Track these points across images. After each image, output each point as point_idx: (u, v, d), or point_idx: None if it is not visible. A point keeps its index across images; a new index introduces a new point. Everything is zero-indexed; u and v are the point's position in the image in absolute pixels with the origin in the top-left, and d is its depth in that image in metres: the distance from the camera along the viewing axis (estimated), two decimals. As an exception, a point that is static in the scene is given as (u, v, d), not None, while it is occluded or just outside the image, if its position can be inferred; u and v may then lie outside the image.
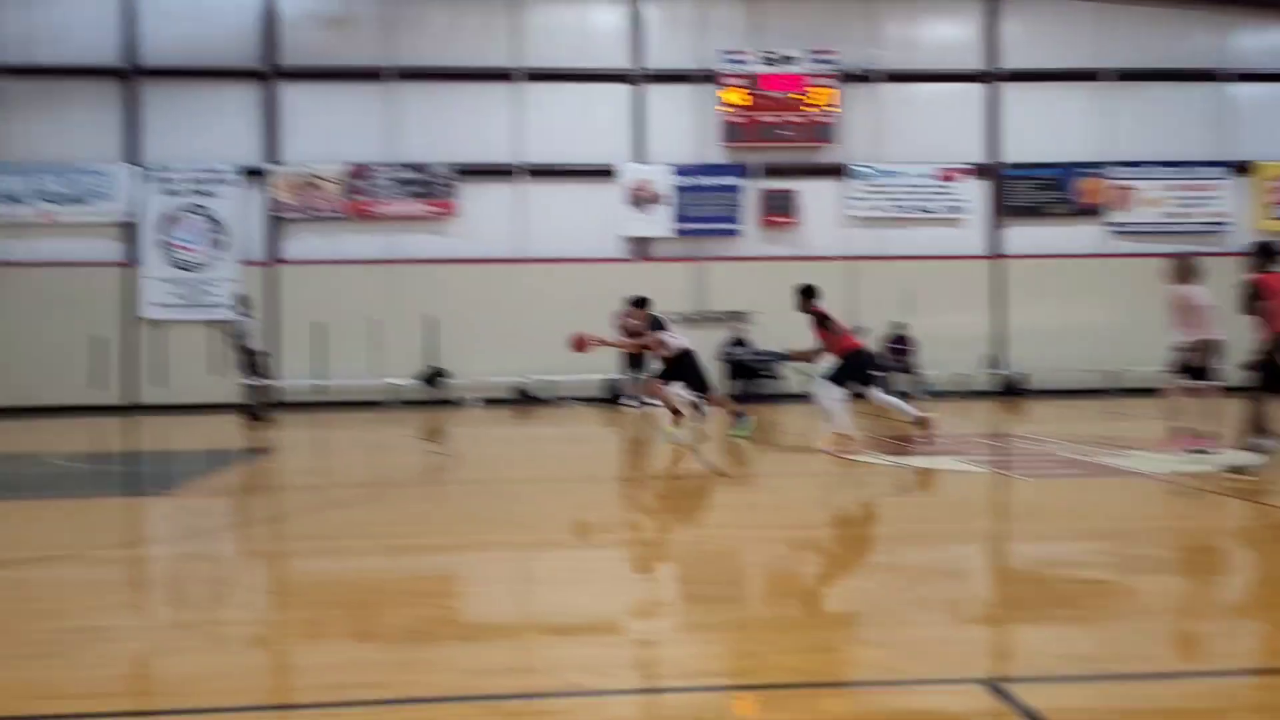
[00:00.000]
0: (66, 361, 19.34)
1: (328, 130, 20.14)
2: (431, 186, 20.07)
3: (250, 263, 19.93)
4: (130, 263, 19.79)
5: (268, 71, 19.92)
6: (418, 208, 20.07)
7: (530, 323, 20.12)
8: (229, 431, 14.33)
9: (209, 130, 20.00)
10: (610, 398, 19.57)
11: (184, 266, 19.74)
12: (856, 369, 10.71)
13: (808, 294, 10.74)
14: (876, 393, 11.17)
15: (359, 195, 19.97)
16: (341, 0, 20.23)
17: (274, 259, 20.00)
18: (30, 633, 4.63)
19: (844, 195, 20.78)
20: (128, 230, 19.80)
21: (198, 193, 19.86)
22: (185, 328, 19.66)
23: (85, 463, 11.77)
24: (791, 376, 19.44)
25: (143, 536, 7.40)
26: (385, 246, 20.13)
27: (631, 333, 12.26)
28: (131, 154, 19.78)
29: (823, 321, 10.63)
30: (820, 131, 20.62)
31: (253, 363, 15.63)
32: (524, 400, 19.93)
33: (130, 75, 19.68)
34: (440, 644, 4.32)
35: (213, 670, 4.03)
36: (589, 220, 20.51)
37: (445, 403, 19.85)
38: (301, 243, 20.18)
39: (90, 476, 10.82)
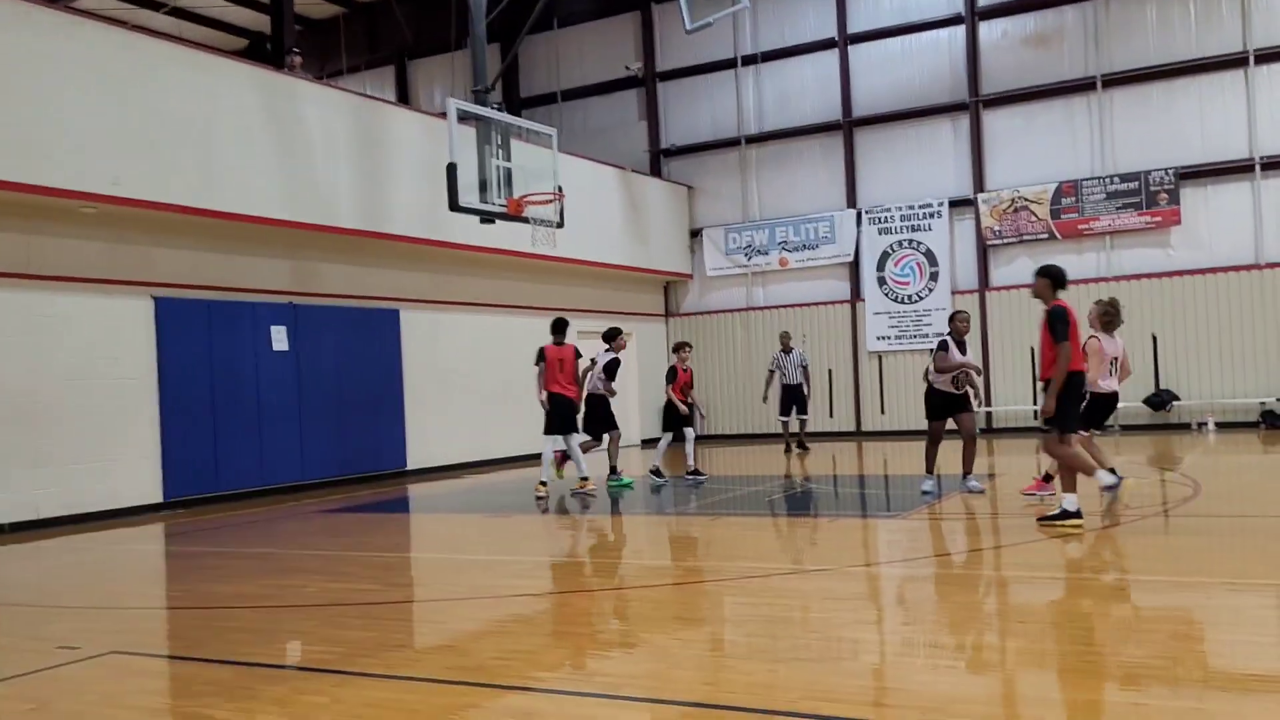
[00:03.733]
0: (803, 391, 21.67)
1: (1032, 151, 19.87)
2: (1149, 196, 18.72)
3: (961, 291, 20.39)
4: (854, 300, 21.46)
5: (969, 103, 20.29)
6: (1134, 220, 18.84)
7: (1275, 336, 17.76)
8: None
9: (917, 167, 20.93)
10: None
11: (900, 300, 20.88)
12: None
13: None
14: None
15: (1069, 214, 19.37)
16: (1043, 18, 19.87)
17: (984, 286, 20.22)
18: (804, 637, 5.28)
19: None
20: (851, 270, 21.52)
21: (910, 228, 20.89)
22: (902, 357, 20.75)
23: (831, 485, 13.01)
24: None
25: (880, 555, 7.97)
26: (1099, 264, 19.24)
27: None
28: (850, 199, 21.49)
29: None
30: None
31: (794, 396, 17.72)
32: (1271, 423, 17.56)
33: (847, 127, 21.44)
34: (1166, 691, 4.03)
35: (944, 692, 4.23)
36: (1349, 212, 17.50)
37: (1174, 427, 18.30)
38: (1010, 267, 20.13)
39: (835, 498, 11.93)
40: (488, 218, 14.19)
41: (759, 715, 4.06)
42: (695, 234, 22.95)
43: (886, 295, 20.99)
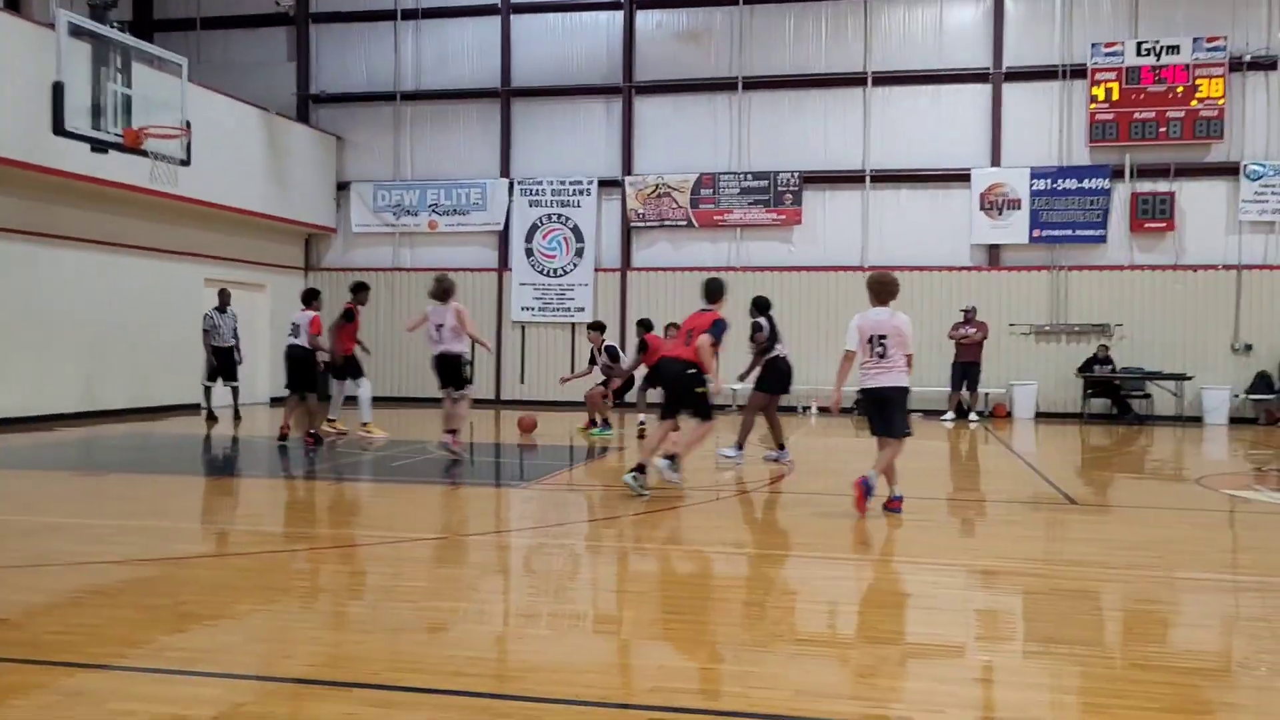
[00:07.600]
0: (445, 357, 21.43)
1: (678, 141, 20.84)
2: (777, 194, 20.23)
3: (604, 269, 21.03)
4: (502, 269, 21.51)
5: (623, 87, 20.92)
6: (763, 216, 20.29)
7: (873, 331, 19.80)
8: (573, 430, 15.17)
9: (570, 144, 21.31)
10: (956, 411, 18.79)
11: (546, 273, 21.18)
12: None
13: None
14: None
15: (706, 204, 20.51)
16: (694, 15, 20.84)
17: (626, 265, 20.97)
18: (401, 609, 5.13)
19: (1234, 198, 18.63)
20: (501, 238, 21.54)
21: (560, 203, 21.24)
22: (544, 329, 21.10)
23: (461, 453, 12.90)
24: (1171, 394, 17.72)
25: (503, 524, 8.00)
26: (730, 254, 20.55)
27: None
28: (504, 168, 21.50)
29: None
30: (1206, 127, 18.60)
31: (227, 361, 16.05)
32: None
33: (505, 96, 21.40)
34: (773, 657, 4.32)
35: (554, 661, 4.27)
36: (939, 227, 19.82)
37: (781, 409, 19.91)
38: (651, 250, 21.02)
39: (462, 466, 11.85)
40: (99, 146, 12.77)
41: (336, 688, 3.88)
42: (342, 187, 22.02)
43: (533, 267, 21.23)
